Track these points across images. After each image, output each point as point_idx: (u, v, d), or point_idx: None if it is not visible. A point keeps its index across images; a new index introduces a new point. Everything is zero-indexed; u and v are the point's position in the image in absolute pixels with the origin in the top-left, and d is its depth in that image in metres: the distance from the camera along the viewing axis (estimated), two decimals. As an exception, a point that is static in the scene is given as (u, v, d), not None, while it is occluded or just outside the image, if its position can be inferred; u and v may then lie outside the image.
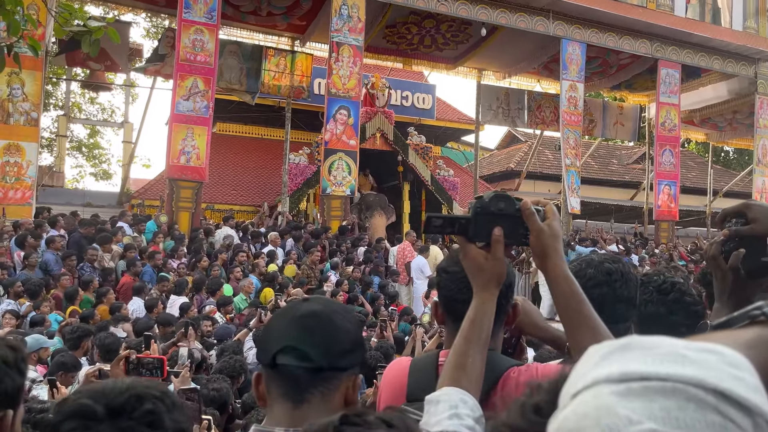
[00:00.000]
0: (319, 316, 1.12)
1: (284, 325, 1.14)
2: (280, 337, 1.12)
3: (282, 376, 1.12)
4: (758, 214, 1.43)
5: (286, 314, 1.16)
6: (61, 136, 17.86)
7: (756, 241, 1.45)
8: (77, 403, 0.94)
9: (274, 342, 1.13)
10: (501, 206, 1.20)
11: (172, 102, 11.16)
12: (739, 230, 1.44)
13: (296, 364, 1.09)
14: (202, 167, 11.25)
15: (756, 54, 16.44)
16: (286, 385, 1.12)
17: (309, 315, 1.12)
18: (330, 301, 1.21)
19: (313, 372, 1.10)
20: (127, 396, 0.94)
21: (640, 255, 13.59)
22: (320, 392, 1.11)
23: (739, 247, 1.44)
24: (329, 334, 1.11)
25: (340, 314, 1.14)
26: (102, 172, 24.60)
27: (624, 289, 1.54)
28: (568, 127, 14.54)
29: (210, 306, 7.88)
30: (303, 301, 1.18)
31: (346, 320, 1.15)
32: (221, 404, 3.47)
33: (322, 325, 1.11)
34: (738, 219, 1.46)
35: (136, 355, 2.03)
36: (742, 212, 1.45)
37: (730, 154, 29.71)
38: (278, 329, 1.15)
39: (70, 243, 8.85)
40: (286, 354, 1.09)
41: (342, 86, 12.41)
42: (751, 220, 1.44)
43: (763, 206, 1.45)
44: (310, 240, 10.91)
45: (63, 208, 11.93)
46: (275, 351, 1.10)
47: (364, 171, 14.21)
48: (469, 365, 1.17)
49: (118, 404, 0.93)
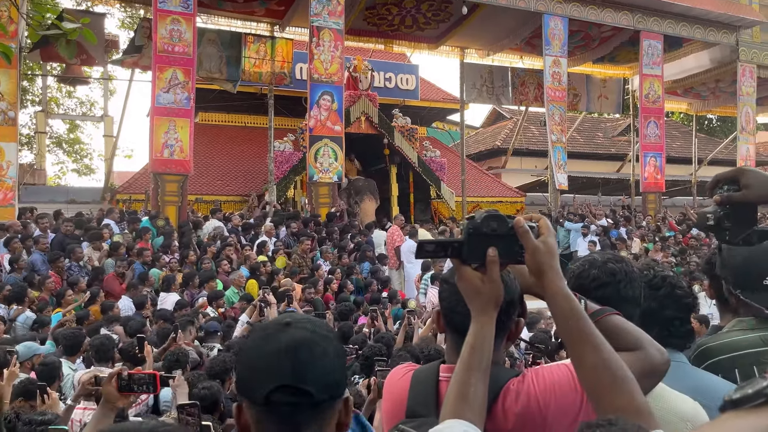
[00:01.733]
0: (310, 346, 1.04)
1: (273, 359, 1.03)
2: (272, 373, 1.02)
3: (276, 415, 1.04)
4: (751, 180, 1.40)
5: (268, 343, 1.05)
6: (40, 132, 17.57)
7: (746, 207, 1.43)
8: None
9: (263, 378, 1.03)
10: (494, 226, 1.17)
11: (152, 95, 10.98)
12: (731, 197, 1.41)
13: (295, 402, 1.02)
14: (187, 160, 11.13)
15: (737, 21, 16.44)
16: (281, 423, 1.04)
17: (299, 346, 1.03)
18: (313, 323, 1.08)
19: (312, 407, 1.04)
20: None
21: (627, 228, 13.69)
22: (318, 424, 1.06)
23: (730, 213, 1.42)
24: (324, 366, 1.04)
25: (327, 338, 1.07)
26: (84, 168, 24.30)
27: (629, 288, 1.52)
28: (552, 102, 14.52)
29: (201, 299, 7.84)
30: (284, 325, 1.06)
31: (333, 344, 1.08)
32: (212, 403, 3.45)
33: (316, 357, 1.04)
34: (730, 185, 1.43)
35: (127, 371, 2.00)
36: (736, 178, 1.42)
37: (713, 121, 29.88)
38: (265, 363, 1.04)
39: (53, 243, 8.73)
40: (284, 393, 1.01)
41: (324, 71, 12.26)
42: (743, 186, 1.41)
43: (756, 173, 1.42)
44: (301, 228, 10.86)
45: (46, 206, 11.77)
46: (269, 390, 1.02)
47: (350, 156, 14.13)
48: (471, 395, 1.14)
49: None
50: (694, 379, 1.59)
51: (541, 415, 1.28)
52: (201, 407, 3.37)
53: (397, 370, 1.58)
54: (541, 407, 1.28)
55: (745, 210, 1.42)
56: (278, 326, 1.07)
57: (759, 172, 1.42)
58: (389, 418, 1.48)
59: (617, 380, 1.11)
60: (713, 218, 1.44)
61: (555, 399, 1.28)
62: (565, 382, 1.30)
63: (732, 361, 1.79)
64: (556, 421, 1.27)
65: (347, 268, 9.74)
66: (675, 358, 1.67)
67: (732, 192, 1.42)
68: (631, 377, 1.13)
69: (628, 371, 1.14)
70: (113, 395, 2.02)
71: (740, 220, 1.42)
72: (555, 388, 1.30)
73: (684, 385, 1.57)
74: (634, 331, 1.32)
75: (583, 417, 1.27)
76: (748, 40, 16.98)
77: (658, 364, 1.29)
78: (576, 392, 1.28)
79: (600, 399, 1.12)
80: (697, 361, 1.86)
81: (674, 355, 1.69)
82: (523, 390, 1.31)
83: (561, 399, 1.28)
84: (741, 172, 1.42)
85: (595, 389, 1.13)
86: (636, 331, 1.32)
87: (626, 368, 1.14)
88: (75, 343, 5.08)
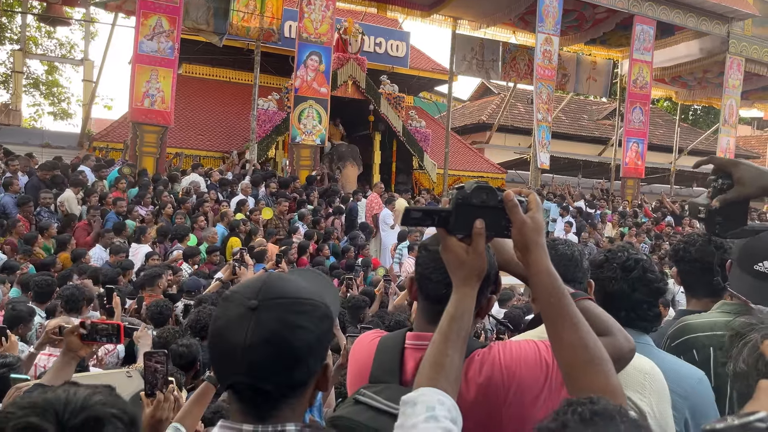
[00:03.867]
0: (273, 341, 0.99)
1: (231, 354, 0.99)
2: (230, 366, 1.00)
3: (239, 400, 1.03)
4: (745, 175, 1.40)
5: (229, 333, 1.00)
6: (17, 72, 17.04)
7: (738, 203, 1.43)
8: (24, 421, 0.83)
9: (223, 369, 1.02)
10: (483, 198, 1.15)
11: (135, 42, 10.68)
12: (726, 198, 1.41)
13: (256, 395, 1.01)
14: (168, 111, 10.90)
15: (730, 13, 16.45)
16: (247, 407, 1.03)
17: (260, 342, 0.98)
18: (285, 305, 1.01)
19: (275, 398, 1.02)
20: (84, 417, 0.85)
21: (602, 211, 13.84)
22: (288, 405, 1.04)
23: (722, 209, 1.42)
24: (287, 363, 1.00)
25: (298, 326, 1.01)
26: (61, 111, 23.67)
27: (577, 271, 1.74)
28: (541, 81, 14.46)
29: (177, 252, 7.77)
30: (251, 310, 1.00)
31: (306, 328, 1.01)
32: (190, 361, 3.43)
33: (279, 353, 0.99)
34: (724, 178, 1.43)
35: (90, 320, 1.97)
36: (729, 171, 1.42)
37: (697, 112, 30.12)
38: (224, 356, 1.01)
39: (27, 187, 8.54)
40: (243, 386, 1.01)
41: (314, 31, 12.03)
42: (736, 180, 1.40)
43: (749, 168, 1.41)
44: (279, 189, 10.77)
45: (20, 148, 11.49)
46: (227, 383, 1.01)
47: (335, 120, 13.98)
48: (448, 364, 1.13)
49: (74, 426, 0.83)
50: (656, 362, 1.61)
51: (504, 387, 1.27)
52: (179, 365, 3.36)
53: (364, 336, 1.57)
54: (504, 379, 1.28)
55: (737, 206, 1.42)
56: (244, 310, 1.00)
57: (753, 167, 1.41)
58: (353, 383, 1.48)
59: (594, 360, 1.11)
60: (705, 212, 1.44)
61: (519, 373, 1.28)
62: (531, 357, 1.30)
63: (709, 339, 1.86)
64: (518, 396, 1.27)
65: (325, 233, 9.72)
66: (641, 340, 1.70)
67: (725, 185, 1.41)
68: (607, 358, 1.13)
69: (605, 352, 1.14)
70: (75, 344, 2.00)
71: (731, 215, 1.42)
72: (521, 362, 1.29)
73: (647, 366, 1.60)
74: (604, 317, 1.33)
75: (546, 394, 1.27)
76: (739, 33, 17.02)
77: (625, 351, 1.30)
78: (541, 369, 1.28)
79: (576, 378, 1.12)
80: (678, 333, 1.91)
81: (641, 337, 1.72)
82: (487, 361, 1.31)
83: (526, 373, 1.28)
84: (735, 165, 1.42)
85: (571, 368, 1.13)
86: (606, 318, 1.34)
87: (603, 349, 1.14)
88: (47, 291, 4.99)
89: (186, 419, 2.13)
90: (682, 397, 1.63)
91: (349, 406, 1.30)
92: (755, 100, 21.28)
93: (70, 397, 0.87)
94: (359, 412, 1.26)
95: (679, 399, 1.62)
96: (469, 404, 1.24)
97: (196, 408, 2.23)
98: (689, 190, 22.47)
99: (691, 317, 1.97)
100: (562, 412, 0.93)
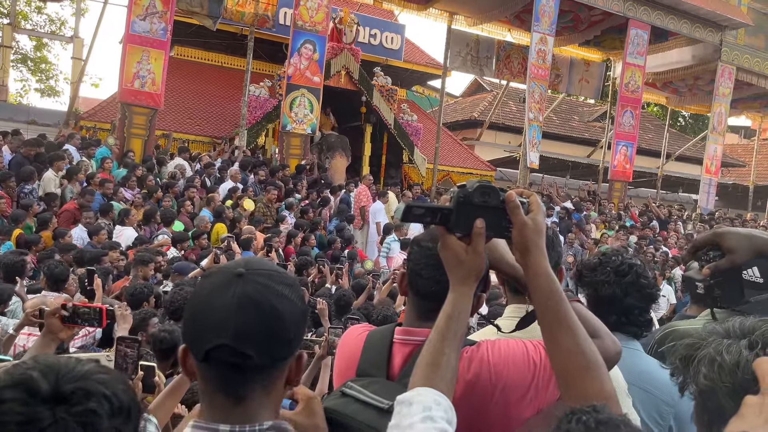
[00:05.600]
0: (258, 304, 0.97)
1: (216, 315, 0.97)
2: (213, 330, 0.96)
3: (217, 372, 0.99)
4: (733, 243, 1.40)
5: (215, 295, 0.98)
6: (5, 46, 16.72)
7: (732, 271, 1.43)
8: (26, 373, 0.85)
9: (204, 334, 0.97)
10: (485, 197, 1.14)
11: (127, 21, 10.53)
12: (718, 266, 1.42)
13: (235, 363, 0.97)
14: (158, 93, 10.77)
15: (724, 21, 16.56)
16: (222, 382, 0.99)
17: (247, 304, 0.96)
18: (269, 275, 1.00)
19: (253, 369, 0.98)
20: (76, 386, 0.85)
21: (587, 213, 13.92)
22: (262, 386, 1.01)
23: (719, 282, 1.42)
24: (271, 328, 0.98)
25: (281, 295, 0.99)
26: (48, 89, 23.33)
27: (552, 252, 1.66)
28: (534, 80, 14.47)
29: (163, 236, 7.70)
30: (236, 276, 0.98)
31: (289, 300, 1.00)
32: (170, 347, 3.40)
33: (264, 317, 0.97)
34: (714, 251, 1.43)
35: (72, 303, 1.93)
36: (715, 243, 1.42)
37: (686, 118, 30.37)
38: (208, 318, 0.97)
39: (11, 164, 8.40)
40: (222, 353, 0.96)
41: (309, 19, 11.93)
42: (726, 250, 1.41)
43: (734, 234, 1.42)
44: (268, 177, 10.70)
45: (5, 124, 11.31)
46: (208, 347, 0.96)
47: (326, 109, 13.90)
48: (444, 363, 1.12)
49: (65, 391, 0.84)
50: (644, 368, 1.61)
51: (491, 384, 1.27)
52: (159, 350, 3.33)
53: (353, 329, 1.56)
54: (492, 377, 1.28)
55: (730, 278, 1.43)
56: (230, 276, 0.99)
57: (736, 233, 1.42)
58: (340, 376, 1.48)
59: (590, 366, 1.11)
60: (703, 288, 1.45)
61: (508, 371, 1.28)
62: (519, 356, 1.30)
63: None
64: (505, 394, 1.27)
65: (312, 223, 9.67)
66: (630, 345, 1.70)
67: (716, 257, 1.42)
68: (602, 364, 1.13)
69: (600, 358, 1.14)
70: (56, 326, 1.96)
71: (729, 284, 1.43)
72: (509, 361, 1.29)
73: (635, 372, 1.60)
74: (592, 320, 1.33)
75: (533, 393, 1.27)
76: (731, 42, 17.15)
77: (611, 354, 1.30)
78: (528, 368, 1.28)
79: (571, 383, 1.12)
80: (664, 338, 1.92)
81: (630, 342, 1.72)
82: (476, 358, 1.31)
83: (514, 372, 1.28)
84: (719, 236, 1.43)
85: (567, 373, 1.13)
86: (594, 320, 1.34)
87: (599, 354, 1.14)
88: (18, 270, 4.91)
89: (158, 411, 2.11)
90: (667, 404, 1.63)
91: (336, 398, 1.30)
92: (744, 109, 21.48)
93: (78, 366, 0.89)
94: (345, 404, 1.26)
95: (665, 406, 1.62)
96: (456, 401, 1.24)
97: (169, 400, 2.20)
98: (675, 195, 22.69)
99: (679, 322, 1.98)
100: (566, 421, 0.92)
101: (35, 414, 0.82)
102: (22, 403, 0.82)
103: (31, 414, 0.82)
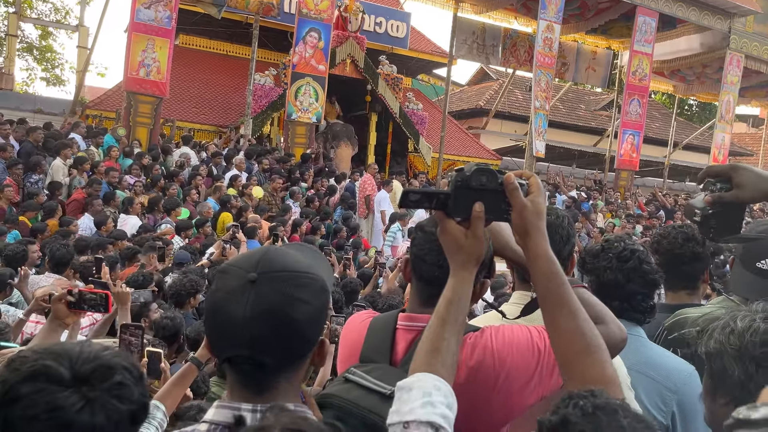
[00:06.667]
0: (273, 312, 0.99)
1: (231, 326, 1.00)
2: (229, 339, 1.01)
3: (238, 372, 1.04)
4: (744, 180, 1.38)
5: (229, 306, 1.00)
6: (11, 35, 16.73)
7: (734, 207, 1.41)
8: (40, 364, 0.85)
9: (222, 342, 1.02)
10: (483, 181, 1.12)
11: (132, 10, 10.51)
12: (722, 197, 1.40)
13: (254, 368, 1.01)
14: (163, 82, 10.77)
15: (732, 8, 16.38)
16: (245, 379, 1.04)
17: (260, 314, 0.99)
18: (283, 279, 1.01)
19: (275, 369, 1.03)
20: (96, 365, 0.88)
21: (594, 202, 13.87)
22: (285, 379, 1.05)
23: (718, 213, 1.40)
24: (287, 335, 1.01)
25: (297, 299, 1.01)
26: (54, 78, 23.32)
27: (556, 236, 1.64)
28: (541, 68, 14.38)
29: (166, 225, 7.71)
30: (250, 283, 1.00)
31: (305, 301, 1.02)
32: (173, 333, 3.43)
33: (279, 326, 1.00)
34: (723, 182, 1.41)
35: (78, 289, 1.94)
36: (728, 175, 1.40)
37: (693, 107, 30.12)
38: (224, 329, 1.01)
39: (20, 153, 8.43)
40: (240, 359, 1.01)
41: (314, 7, 11.88)
42: (736, 185, 1.38)
43: (749, 171, 1.39)
44: (273, 166, 10.69)
45: (12, 113, 11.33)
46: (227, 356, 1.01)
47: (331, 98, 13.86)
48: (444, 349, 1.11)
49: (86, 371, 0.86)
50: (648, 354, 1.61)
51: (494, 371, 1.27)
52: (162, 337, 3.34)
53: (357, 316, 1.57)
54: (496, 363, 1.27)
55: (733, 210, 1.40)
56: (243, 283, 1.00)
57: (752, 171, 1.39)
58: (344, 362, 1.48)
59: (590, 348, 1.10)
60: (700, 215, 1.42)
61: (512, 357, 1.27)
62: (523, 343, 1.29)
63: None
64: (509, 381, 1.27)
65: (324, 213, 9.67)
66: (633, 331, 1.69)
67: (724, 189, 1.39)
68: (604, 347, 1.12)
69: (602, 341, 1.13)
70: (62, 312, 1.97)
71: (727, 220, 1.40)
72: (513, 347, 1.29)
73: (638, 358, 1.60)
74: (597, 305, 1.32)
75: (537, 380, 1.27)
76: (740, 29, 16.96)
77: (617, 341, 1.29)
78: (533, 355, 1.28)
79: (571, 366, 1.11)
80: (675, 326, 1.90)
81: (633, 329, 1.71)
82: (480, 344, 1.30)
83: (518, 358, 1.27)
84: (734, 169, 1.40)
85: (567, 356, 1.12)
86: (600, 306, 1.33)
87: (600, 338, 1.13)
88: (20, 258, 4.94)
89: (166, 399, 2.12)
90: (670, 390, 1.63)
91: (339, 384, 1.30)
92: (752, 98, 21.28)
93: (84, 347, 0.91)
94: (349, 390, 1.26)
95: (668, 393, 1.62)
96: (459, 387, 1.24)
97: (176, 389, 2.21)
98: (682, 185, 22.56)
99: (690, 309, 1.96)
100: (563, 406, 0.92)
101: (64, 400, 0.83)
102: (47, 392, 0.83)
103: (61, 401, 0.83)
